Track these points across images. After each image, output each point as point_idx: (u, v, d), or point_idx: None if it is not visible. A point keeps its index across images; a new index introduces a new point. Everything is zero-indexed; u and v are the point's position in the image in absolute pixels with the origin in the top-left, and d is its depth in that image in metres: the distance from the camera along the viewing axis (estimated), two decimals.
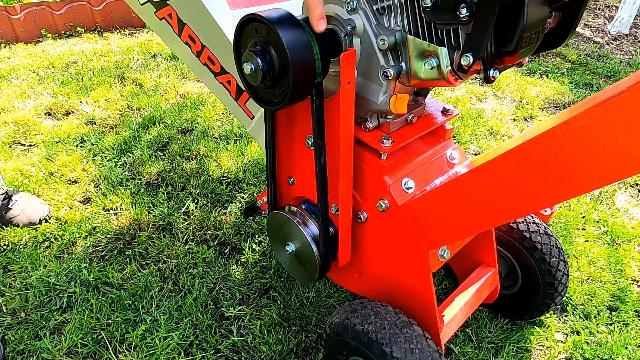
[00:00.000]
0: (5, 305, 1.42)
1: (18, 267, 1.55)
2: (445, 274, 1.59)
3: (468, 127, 2.49)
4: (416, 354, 0.95)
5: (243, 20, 0.84)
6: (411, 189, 1.02)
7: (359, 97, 0.92)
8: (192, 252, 1.64)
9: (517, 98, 2.89)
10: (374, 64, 0.86)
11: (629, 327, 1.48)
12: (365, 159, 1.02)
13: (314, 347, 1.36)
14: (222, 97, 1.31)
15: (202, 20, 1.17)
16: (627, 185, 2.18)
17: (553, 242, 1.29)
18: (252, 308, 1.47)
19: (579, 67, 3.43)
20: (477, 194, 0.86)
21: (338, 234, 1.06)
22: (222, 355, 1.33)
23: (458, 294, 1.22)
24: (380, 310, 1.05)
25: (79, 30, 3.50)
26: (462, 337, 1.40)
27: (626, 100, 0.63)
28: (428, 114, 1.09)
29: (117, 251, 1.64)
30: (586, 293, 1.57)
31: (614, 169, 0.68)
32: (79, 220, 1.74)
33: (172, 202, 1.85)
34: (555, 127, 0.71)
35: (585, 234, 1.83)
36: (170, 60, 3.13)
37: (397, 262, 1.07)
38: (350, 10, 0.84)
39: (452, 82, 0.79)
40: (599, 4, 4.63)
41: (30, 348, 1.30)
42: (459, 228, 0.93)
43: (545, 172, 0.75)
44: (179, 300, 1.46)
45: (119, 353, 1.31)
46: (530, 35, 0.70)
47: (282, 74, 0.81)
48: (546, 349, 1.41)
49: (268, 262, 1.61)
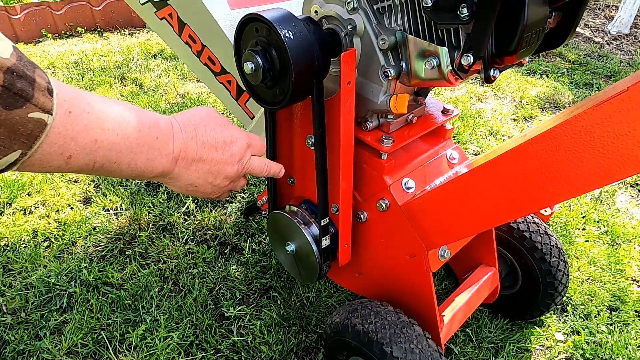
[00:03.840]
0: (6, 305, 1.42)
1: (18, 267, 1.55)
2: (445, 274, 1.59)
3: (468, 127, 2.49)
4: (416, 354, 0.95)
5: (243, 20, 0.84)
6: (411, 188, 1.02)
7: (359, 97, 0.92)
8: (192, 252, 1.64)
9: (517, 98, 2.89)
10: (374, 63, 0.86)
11: (629, 327, 1.48)
12: (366, 159, 1.02)
13: (314, 347, 1.36)
14: (222, 97, 1.31)
15: (202, 20, 1.17)
16: (627, 185, 2.18)
17: (553, 242, 1.29)
18: (252, 308, 1.47)
19: (579, 67, 3.43)
20: (478, 194, 0.86)
21: (338, 234, 1.07)
22: (222, 355, 1.33)
23: (458, 294, 1.22)
24: (381, 310, 1.05)
25: (79, 30, 3.50)
26: (462, 337, 1.40)
27: (626, 100, 0.63)
28: (428, 113, 1.09)
29: (117, 251, 1.64)
30: (586, 293, 1.57)
31: (614, 169, 0.68)
32: (79, 220, 1.74)
33: (172, 202, 1.85)
34: (555, 127, 0.71)
35: (585, 234, 1.83)
36: (171, 60, 3.13)
37: (398, 262, 1.07)
38: (351, 10, 0.84)
39: (452, 82, 0.79)
40: (599, 4, 4.64)
41: (30, 348, 1.30)
42: (459, 228, 0.94)
43: (546, 172, 0.75)
44: (179, 300, 1.46)
45: (119, 353, 1.31)
46: (530, 35, 0.70)
47: (283, 73, 0.81)
48: (546, 349, 1.41)
49: (268, 262, 1.61)
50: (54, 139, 0.48)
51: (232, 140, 0.76)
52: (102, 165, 0.57)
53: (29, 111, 0.44)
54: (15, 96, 0.42)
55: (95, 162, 0.56)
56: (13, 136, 0.43)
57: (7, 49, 0.43)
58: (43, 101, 0.45)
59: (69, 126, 0.50)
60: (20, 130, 0.44)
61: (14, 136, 0.43)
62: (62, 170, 0.53)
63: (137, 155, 0.60)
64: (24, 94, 0.43)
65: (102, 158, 0.56)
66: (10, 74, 0.42)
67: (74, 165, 0.53)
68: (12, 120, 0.43)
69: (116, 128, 0.57)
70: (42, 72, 0.47)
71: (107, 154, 0.56)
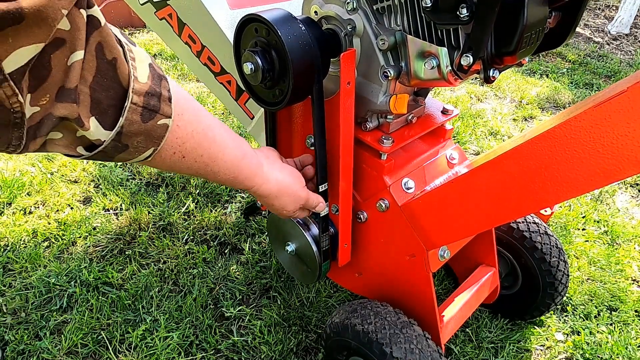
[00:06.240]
0: (5, 305, 1.42)
1: (18, 267, 1.55)
2: (445, 274, 1.59)
3: (468, 127, 2.49)
4: (416, 354, 0.95)
5: (243, 20, 0.84)
6: (411, 189, 1.02)
7: (359, 97, 0.92)
8: (192, 252, 1.64)
9: (517, 98, 2.89)
10: (374, 64, 0.86)
11: (629, 327, 1.48)
12: (365, 159, 1.02)
13: (314, 347, 1.36)
14: (222, 97, 1.31)
15: (202, 20, 1.17)
16: (627, 185, 2.18)
17: (553, 242, 1.29)
18: (252, 308, 1.47)
19: (579, 67, 3.43)
20: (477, 194, 0.86)
21: (338, 234, 1.07)
22: (222, 355, 1.33)
23: (458, 294, 1.22)
24: (381, 310, 1.05)
25: None
26: (462, 337, 1.40)
27: (626, 100, 0.63)
28: (428, 114, 1.09)
29: (117, 251, 1.64)
30: (586, 293, 1.57)
31: (614, 169, 0.68)
32: (79, 220, 1.74)
33: (172, 202, 1.85)
34: (555, 127, 0.71)
35: (585, 234, 1.83)
36: (171, 60, 3.13)
37: (397, 262, 1.07)
38: (350, 10, 0.84)
39: (452, 82, 0.79)
40: (599, 4, 4.63)
41: (30, 348, 1.30)
42: (459, 228, 0.94)
43: (546, 172, 0.75)
44: (179, 300, 1.46)
45: (119, 353, 1.31)
46: (530, 35, 0.70)
47: (282, 74, 0.81)
48: (546, 349, 1.41)
49: (268, 262, 1.61)
50: (171, 138, 0.60)
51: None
52: (206, 169, 0.70)
53: (158, 120, 0.56)
54: (150, 111, 0.54)
55: (203, 165, 0.68)
56: (148, 139, 0.56)
57: (145, 71, 0.54)
58: (166, 110, 0.57)
59: (185, 136, 0.62)
60: (153, 135, 0.56)
61: (149, 139, 0.56)
62: (179, 169, 0.66)
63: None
64: (155, 108, 0.55)
65: (207, 163, 0.69)
66: (147, 95, 0.53)
67: (185, 164, 0.66)
68: (148, 128, 0.55)
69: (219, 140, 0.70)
70: (166, 82, 0.57)
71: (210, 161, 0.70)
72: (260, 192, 0.84)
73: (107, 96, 0.50)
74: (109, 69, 0.49)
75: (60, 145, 0.52)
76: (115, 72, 0.50)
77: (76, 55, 0.45)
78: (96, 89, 0.49)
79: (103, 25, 0.48)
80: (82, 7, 0.44)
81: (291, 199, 0.89)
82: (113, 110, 0.51)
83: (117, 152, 0.55)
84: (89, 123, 0.49)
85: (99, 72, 0.49)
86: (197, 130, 0.64)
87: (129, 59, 0.52)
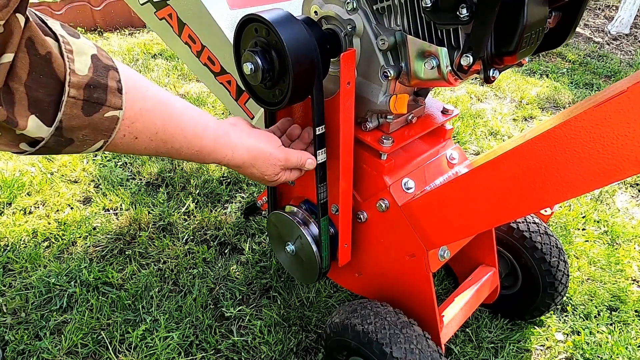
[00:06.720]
0: (5, 305, 1.42)
1: (18, 267, 1.55)
2: (445, 274, 1.59)
3: (468, 127, 2.49)
4: (416, 354, 0.95)
5: (243, 20, 0.84)
6: (411, 189, 1.02)
7: (359, 97, 0.92)
8: (192, 252, 1.64)
9: (517, 98, 2.89)
10: (373, 64, 0.86)
11: (629, 327, 1.48)
12: (365, 159, 1.02)
13: (314, 347, 1.36)
14: (222, 97, 1.31)
15: (202, 20, 1.17)
16: (627, 185, 2.18)
17: (553, 242, 1.29)
18: (252, 308, 1.47)
19: (579, 67, 3.43)
20: (477, 194, 0.86)
21: (338, 234, 1.07)
22: (222, 355, 1.33)
23: (458, 294, 1.22)
24: (380, 311, 1.05)
25: (79, 31, 3.50)
26: (462, 337, 1.40)
27: (626, 100, 0.63)
28: (428, 114, 1.09)
29: (117, 251, 1.64)
30: (586, 293, 1.57)
31: (614, 169, 0.68)
32: (79, 220, 1.74)
33: (172, 202, 1.85)
34: (555, 127, 0.71)
35: (585, 234, 1.83)
36: (171, 60, 3.13)
37: (397, 262, 1.07)
38: (350, 10, 0.84)
39: (452, 82, 0.79)
40: (599, 4, 4.63)
41: (30, 348, 1.30)
42: (459, 228, 0.94)
43: (546, 172, 0.75)
44: (179, 300, 1.46)
45: (119, 353, 1.31)
46: (530, 35, 0.70)
47: (282, 74, 0.81)
48: (546, 349, 1.41)
49: (268, 262, 1.61)
50: (123, 127, 0.58)
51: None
52: (166, 146, 0.68)
53: (105, 112, 0.54)
54: (93, 104, 0.52)
55: (161, 142, 0.66)
56: (96, 132, 0.55)
57: (85, 63, 0.52)
58: (114, 102, 0.55)
59: (133, 116, 0.60)
60: (100, 127, 0.55)
61: (96, 132, 0.55)
62: (137, 151, 0.64)
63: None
64: (99, 100, 0.53)
65: (165, 139, 0.67)
66: (87, 88, 0.51)
67: (141, 145, 0.63)
68: (93, 122, 0.53)
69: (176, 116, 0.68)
70: (114, 72, 0.55)
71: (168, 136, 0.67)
72: (234, 163, 0.80)
73: (45, 93, 0.49)
74: (43, 65, 0.48)
75: (2, 144, 0.51)
76: (50, 66, 0.49)
77: (4, 58, 0.44)
78: (32, 87, 0.48)
79: (30, 21, 0.46)
80: (20, 12, 0.43)
81: (268, 162, 0.84)
82: (53, 106, 0.50)
83: (61, 147, 0.53)
84: (26, 122, 0.48)
85: (34, 69, 0.47)
86: (146, 108, 0.61)
87: (65, 51, 0.50)
